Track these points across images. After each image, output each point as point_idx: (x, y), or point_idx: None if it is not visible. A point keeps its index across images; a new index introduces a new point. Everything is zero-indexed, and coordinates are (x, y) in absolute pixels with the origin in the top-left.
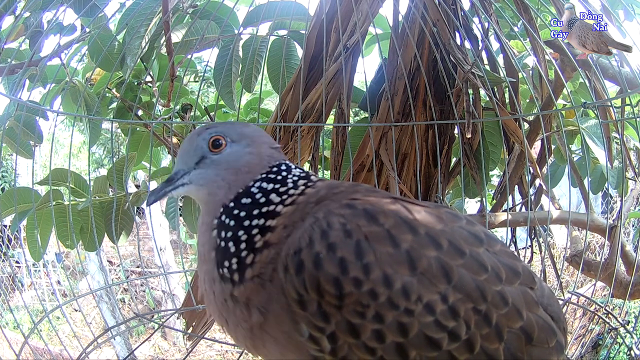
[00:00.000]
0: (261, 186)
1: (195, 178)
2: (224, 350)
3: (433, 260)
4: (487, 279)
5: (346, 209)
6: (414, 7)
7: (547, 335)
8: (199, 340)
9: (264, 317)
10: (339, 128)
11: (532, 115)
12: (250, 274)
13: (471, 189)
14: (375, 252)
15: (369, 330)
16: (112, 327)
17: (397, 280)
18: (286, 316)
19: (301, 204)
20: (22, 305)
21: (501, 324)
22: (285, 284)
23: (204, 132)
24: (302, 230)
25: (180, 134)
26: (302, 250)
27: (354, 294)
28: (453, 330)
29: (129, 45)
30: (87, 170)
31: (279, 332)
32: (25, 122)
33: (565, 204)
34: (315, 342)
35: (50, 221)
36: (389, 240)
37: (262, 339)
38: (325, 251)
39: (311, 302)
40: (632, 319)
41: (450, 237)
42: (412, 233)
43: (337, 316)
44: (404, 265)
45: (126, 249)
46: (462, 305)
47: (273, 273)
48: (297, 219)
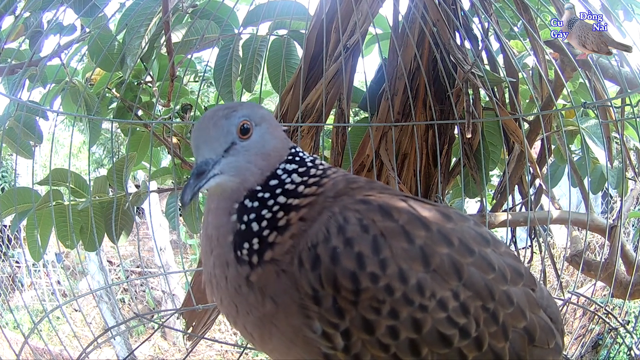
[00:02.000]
0: (285, 168)
1: (227, 168)
2: (224, 350)
3: (445, 257)
4: (495, 278)
5: (361, 204)
6: (414, 7)
7: (547, 336)
8: (198, 340)
9: (275, 308)
10: (339, 128)
11: (532, 115)
12: (270, 255)
13: (471, 189)
14: (391, 248)
15: (383, 326)
16: (112, 327)
17: (412, 276)
18: (297, 311)
19: (320, 196)
20: (22, 305)
21: (507, 323)
22: (299, 279)
23: (232, 116)
24: (319, 225)
25: (180, 134)
26: (318, 244)
27: (370, 289)
28: (464, 327)
29: (129, 45)
30: (87, 170)
31: (288, 326)
32: (25, 122)
33: (565, 204)
34: (328, 339)
35: (50, 221)
36: (404, 235)
37: (270, 331)
38: (343, 246)
39: (326, 298)
40: (632, 319)
41: (460, 236)
42: (425, 229)
43: (353, 312)
44: (418, 261)
45: (126, 249)
46: (472, 302)
47: (288, 264)
48: (315, 213)
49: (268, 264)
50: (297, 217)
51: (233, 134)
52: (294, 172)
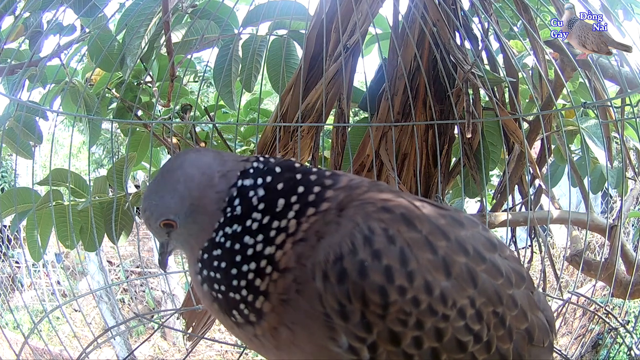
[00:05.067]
0: (225, 232)
1: (176, 245)
2: (224, 350)
3: (463, 266)
4: (503, 283)
5: (384, 212)
6: (414, 7)
7: (543, 335)
8: (198, 340)
9: (293, 332)
10: (339, 128)
11: (532, 115)
12: (269, 307)
13: (471, 189)
14: (417, 259)
15: (409, 338)
16: (112, 327)
17: (437, 286)
18: (320, 328)
19: (319, 214)
20: (22, 305)
21: (512, 325)
22: (324, 294)
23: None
24: (341, 235)
25: (180, 134)
26: (344, 257)
27: (398, 302)
28: (478, 332)
29: (128, 45)
30: (87, 170)
31: (309, 344)
32: (25, 123)
33: (565, 204)
34: (354, 353)
35: (50, 221)
36: (428, 246)
37: (288, 351)
38: (371, 259)
39: (354, 313)
40: (632, 318)
41: (474, 243)
42: (446, 239)
43: (380, 325)
44: (441, 271)
45: (126, 249)
46: (484, 308)
47: (304, 286)
48: (320, 227)
49: (271, 313)
50: (290, 242)
51: (164, 233)
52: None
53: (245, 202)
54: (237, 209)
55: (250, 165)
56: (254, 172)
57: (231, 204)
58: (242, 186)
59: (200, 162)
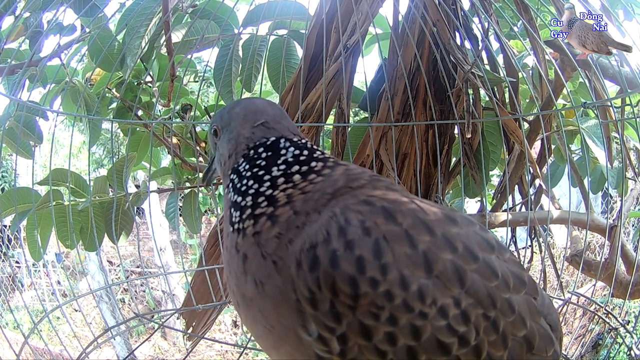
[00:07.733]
0: (258, 152)
1: (216, 161)
2: (224, 350)
3: (448, 264)
4: (497, 285)
5: (364, 205)
6: (414, 7)
7: (546, 344)
8: (198, 340)
9: (260, 296)
10: (339, 128)
11: (532, 115)
12: (251, 230)
13: (471, 189)
14: (393, 252)
15: (381, 333)
16: (112, 327)
17: (414, 282)
18: (291, 311)
19: (316, 193)
20: (22, 305)
21: (507, 331)
22: (296, 280)
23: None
24: (319, 225)
25: (180, 134)
26: (317, 245)
27: (369, 295)
28: (463, 335)
29: (129, 45)
30: (87, 170)
31: (277, 323)
32: (25, 122)
33: (565, 204)
34: (323, 343)
35: (50, 221)
36: (407, 240)
37: (254, 316)
38: (343, 248)
39: (323, 301)
40: (632, 318)
41: (465, 241)
42: (430, 234)
43: (350, 317)
44: (421, 267)
45: (126, 249)
46: (473, 310)
47: (281, 267)
48: (310, 209)
49: (250, 237)
50: (284, 197)
51: (213, 143)
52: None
53: (273, 155)
54: (262, 155)
55: (294, 138)
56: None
57: (257, 150)
58: (273, 143)
59: (262, 106)
